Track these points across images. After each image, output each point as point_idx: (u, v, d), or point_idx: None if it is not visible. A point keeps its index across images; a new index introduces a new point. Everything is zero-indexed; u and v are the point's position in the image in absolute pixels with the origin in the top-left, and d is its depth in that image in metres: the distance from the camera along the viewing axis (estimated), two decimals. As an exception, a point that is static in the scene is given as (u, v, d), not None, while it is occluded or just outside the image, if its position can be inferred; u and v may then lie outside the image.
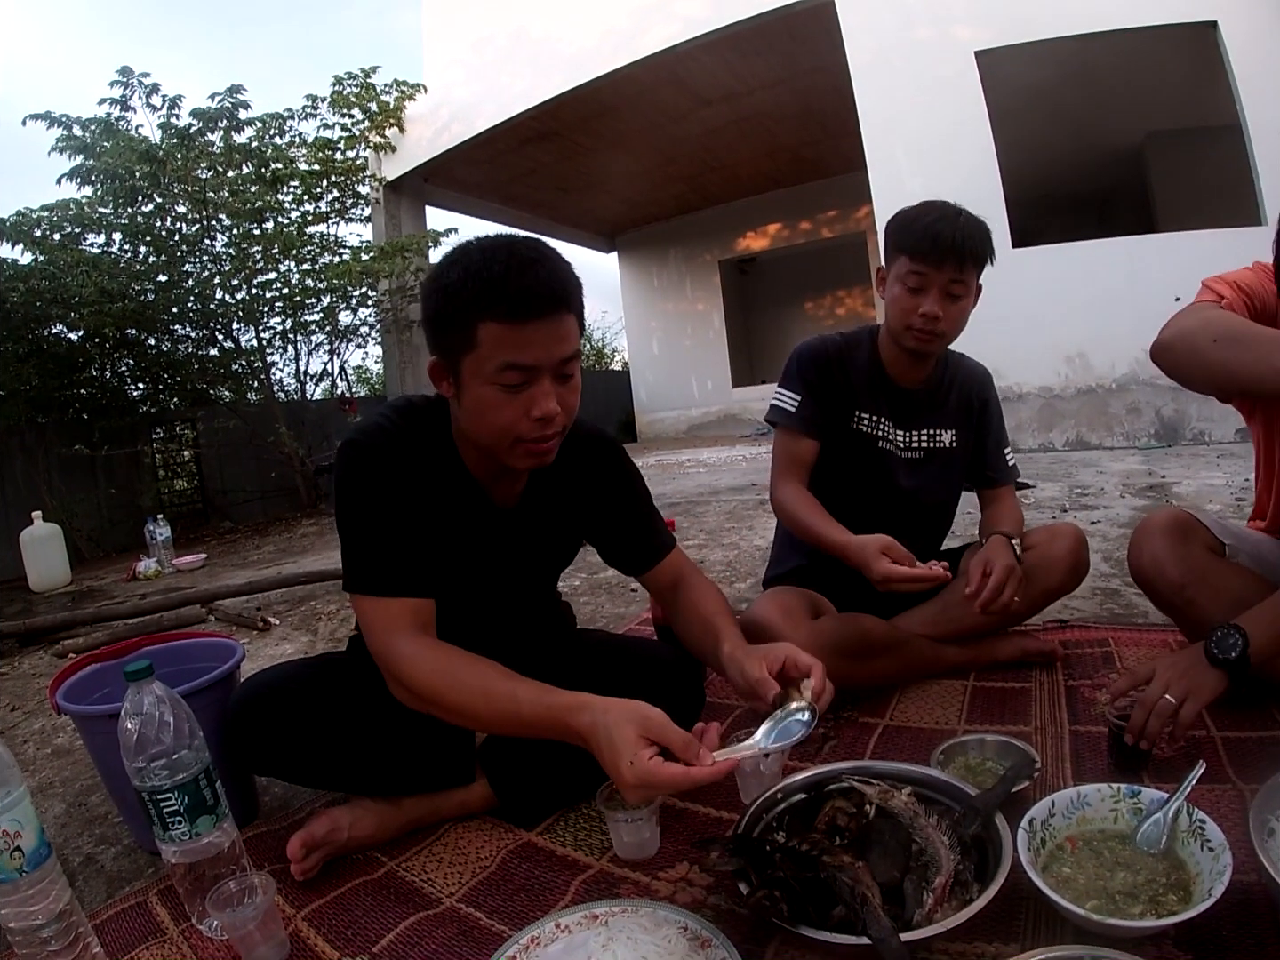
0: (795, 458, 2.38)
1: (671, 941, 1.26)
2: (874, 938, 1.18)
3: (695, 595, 1.92)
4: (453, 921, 1.48)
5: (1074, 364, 7.89)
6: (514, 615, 1.96)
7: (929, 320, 2.16)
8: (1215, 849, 1.33)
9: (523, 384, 1.48)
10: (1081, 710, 2.09)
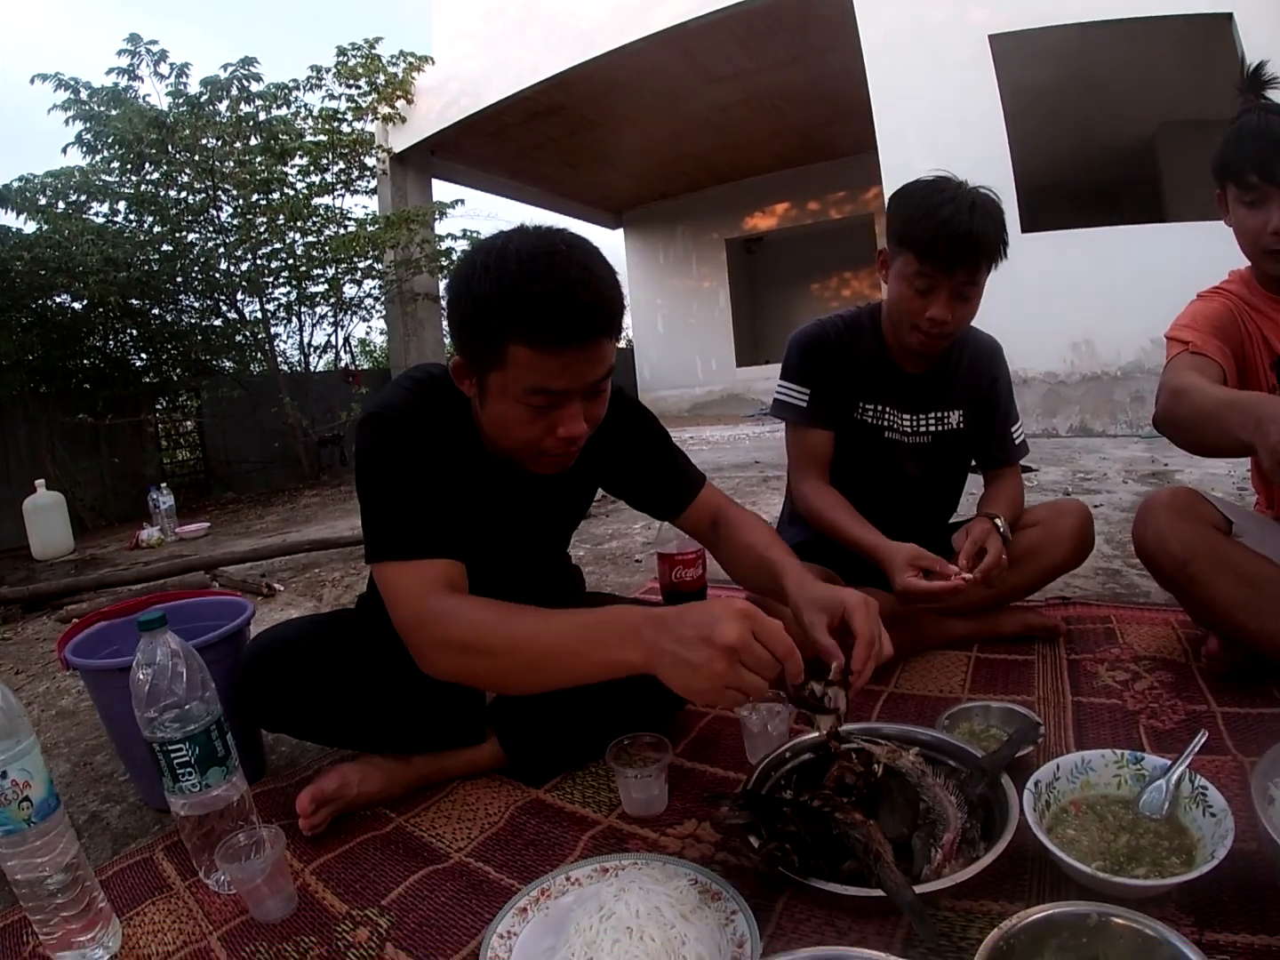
0: (813, 454, 2.34)
1: (683, 892, 1.25)
2: (889, 890, 1.20)
3: (740, 530, 1.90)
4: (462, 875, 1.49)
5: (1080, 351, 7.88)
6: (528, 578, 1.94)
7: (936, 324, 2.09)
8: (1217, 814, 1.34)
9: (551, 405, 1.43)
10: (1084, 682, 2.11)
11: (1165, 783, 1.43)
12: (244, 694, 1.71)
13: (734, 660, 1.16)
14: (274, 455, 10.48)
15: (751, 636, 1.17)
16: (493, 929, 1.25)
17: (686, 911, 1.21)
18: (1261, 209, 1.85)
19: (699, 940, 1.16)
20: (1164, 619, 2.50)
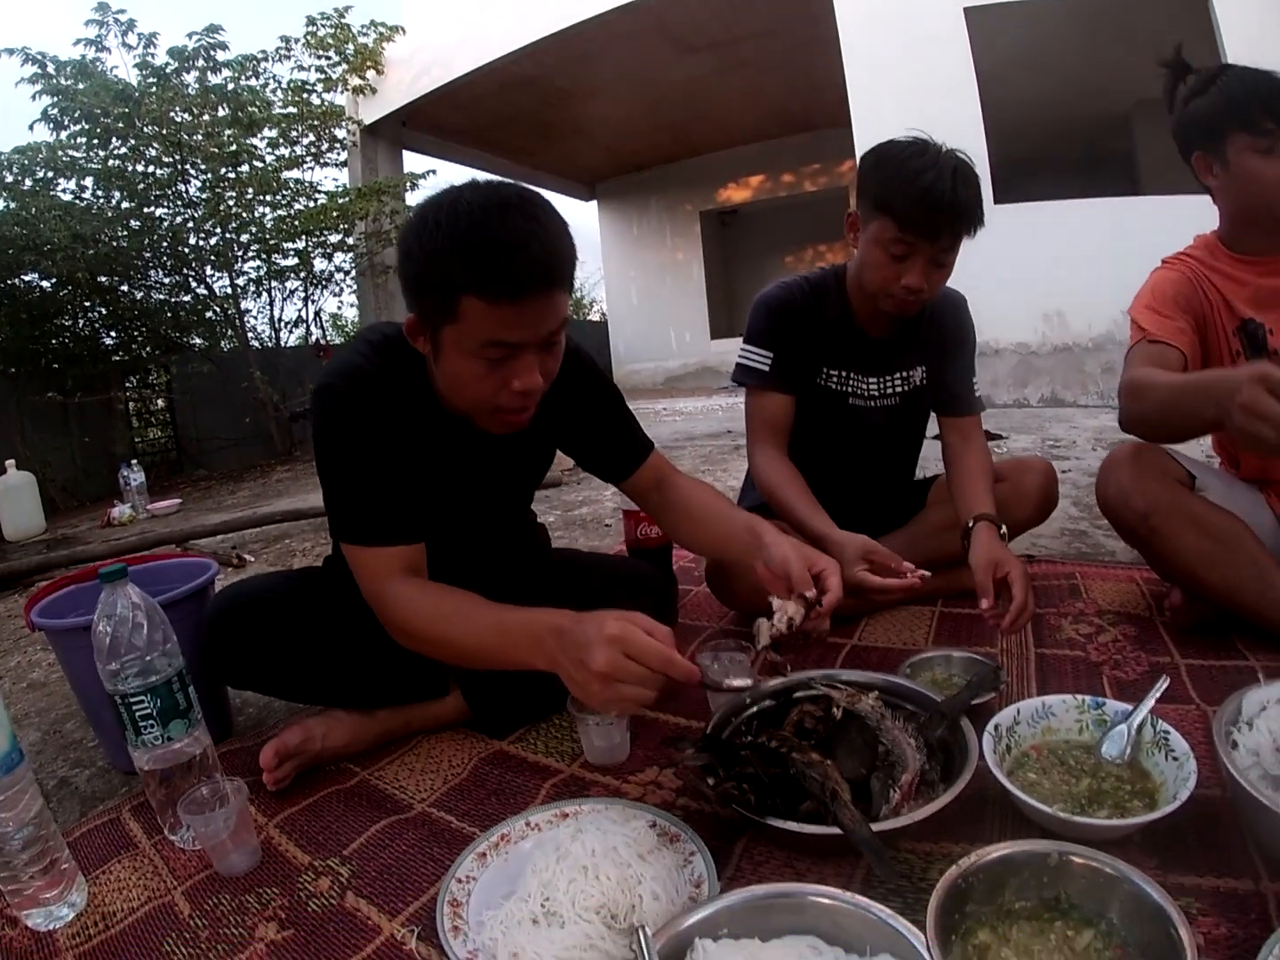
0: (773, 421, 2.28)
1: (641, 834, 1.26)
2: (845, 828, 1.20)
3: (689, 493, 1.92)
4: (424, 824, 1.51)
5: (1051, 322, 7.89)
6: (492, 538, 1.96)
7: (912, 293, 2.03)
8: (1180, 758, 1.35)
9: (505, 358, 1.43)
10: (1047, 635, 2.12)
11: (1127, 727, 1.44)
12: (210, 646, 1.72)
13: (608, 681, 1.20)
14: (246, 431, 10.36)
15: (622, 658, 1.20)
16: (451, 873, 1.26)
17: (644, 852, 1.21)
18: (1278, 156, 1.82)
19: (655, 880, 1.16)
20: (1129, 576, 2.52)
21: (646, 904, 1.13)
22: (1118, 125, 11.10)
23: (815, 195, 14.72)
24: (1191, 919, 1.11)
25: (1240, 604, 1.90)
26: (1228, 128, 1.88)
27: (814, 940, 1.04)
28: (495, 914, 1.16)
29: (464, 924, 1.17)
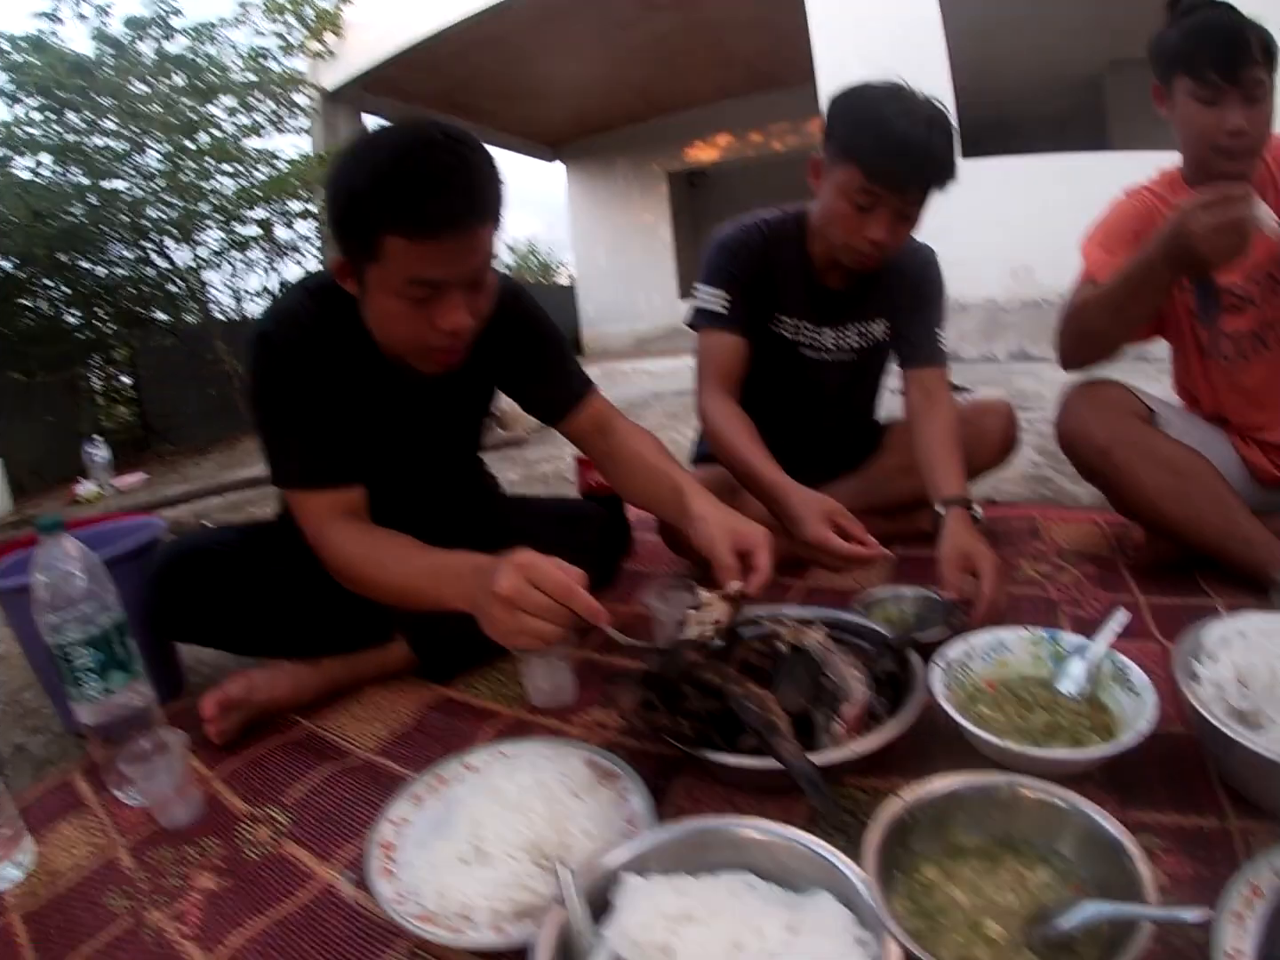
0: (725, 365, 2.15)
1: (576, 771, 1.25)
2: (783, 760, 1.18)
3: (629, 440, 1.87)
4: (365, 771, 1.52)
5: (1019, 277, 7.87)
6: (435, 480, 1.94)
7: (875, 246, 1.93)
8: (1139, 692, 1.32)
9: (431, 296, 1.41)
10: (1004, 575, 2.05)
11: (1085, 661, 1.42)
12: (154, 599, 1.71)
13: (511, 609, 1.20)
14: (212, 404, 10.12)
15: (527, 584, 1.19)
16: (384, 815, 1.25)
17: (577, 789, 1.21)
18: (1217, 108, 1.77)
19: (587, 817, 1.15)
20: (1090, 518, 2.50)
21: (577, 842, 1.12)
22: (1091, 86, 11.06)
23: (783, 155, 14.54)
24: (1154, 857, 1.10)
25: (1203, 539, 1.88)
26: (1175, 69, 1.84)
27: (749, 876, 1.01)
28: (424, 854, 1.14)
29: (394, 866, 1.15)
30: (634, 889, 0.96)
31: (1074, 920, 0.92)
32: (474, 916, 1.05)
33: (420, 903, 1.07)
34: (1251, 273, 1.93)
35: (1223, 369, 2.08)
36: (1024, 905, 1.01)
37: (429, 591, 1.41)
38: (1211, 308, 1.92)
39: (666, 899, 0.94)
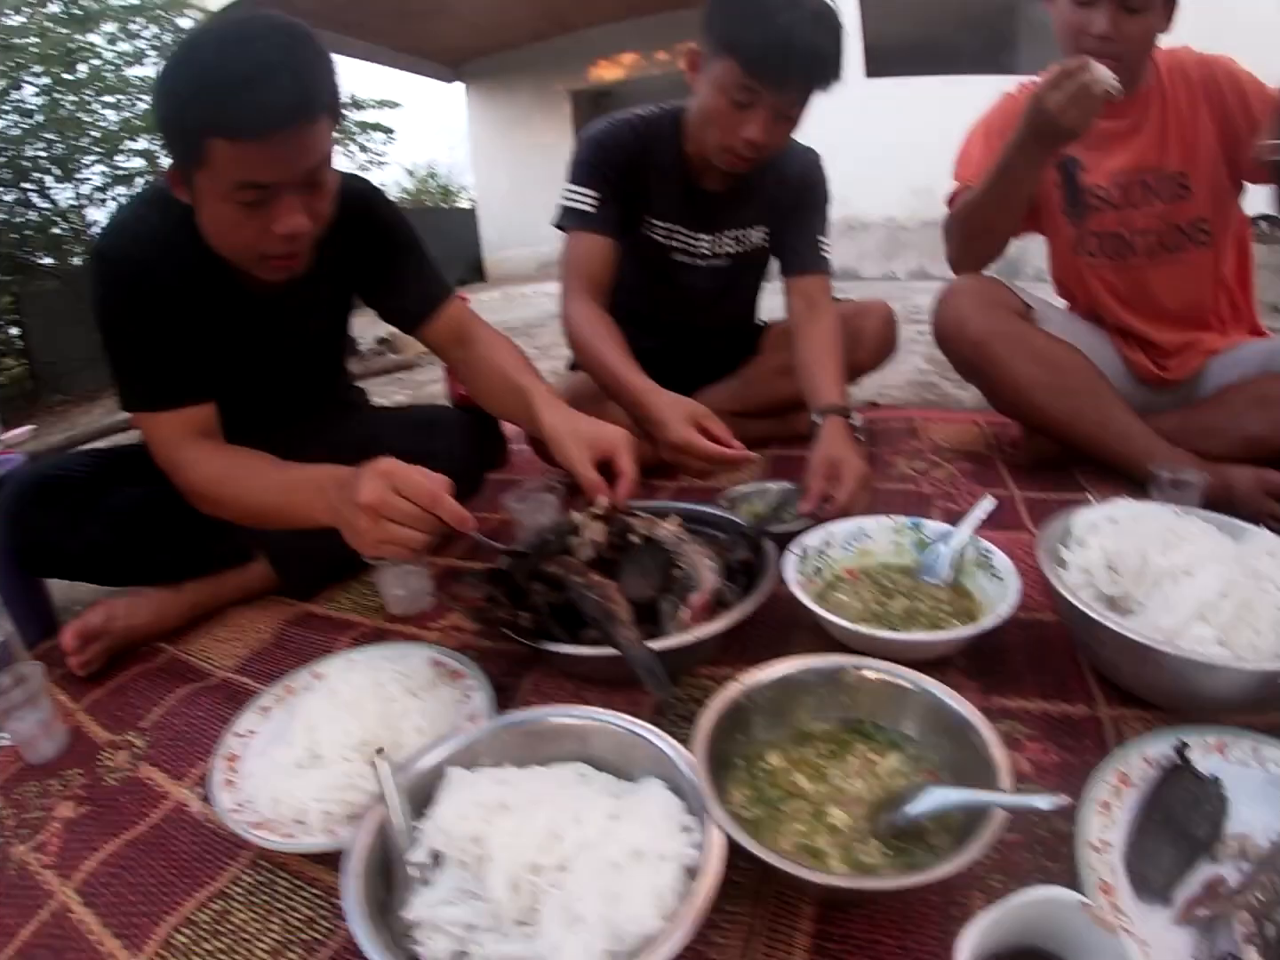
0: (590, 268, 2.00)
1: (416, 670, 1.25)
2: (620, 647, 1.14)
3: (487, 350, 1.76)
4: (222, 690, 1.48)
5: (920, 196, 7.83)
6: (295, 397, 1.85)
7: (752, 147, 1.81)
8: (1003, 577, 1.30)
9: (262, 200, 1.31)
10: (880, 471, 2.07)
11: (948, 547, 1.39)
12: (8, 530, 1.64)
13: (376, 517, 1.16)
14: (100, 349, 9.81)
15: (391, 492, 1.16)
16: (231, 729, 1.23)
17: (415, 688, 1.20)
18: (1088, 9, 1.73)
19: (421, 714, 1.15)
20: (971, 419, 2.50)
21: (409, 739, 1.10)
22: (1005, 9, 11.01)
23: (690, 75, 14.39)
24: (1017, 744, 1.08)
25: (1080, 434, 1.87)
26: None
27: (582, 767, 0.98)
28: (264, 763, 1.13)
29: (236, 777, 1.13)
30: (455, 781, 0.93)
31: (921, 807, 0.88)
32: (307, 820, 1.03)
33: (257, 810, 1.05)
34: (1114, 175, 1.93)
35: (1093, 267, 2.07)
36: (873, 792, 0.97)
37: (289, 508, 1.37)
38: (1079, 205, 1.95)
39: (485, 790, 0.90)
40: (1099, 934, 0.64)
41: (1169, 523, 1.21)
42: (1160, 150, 1.88)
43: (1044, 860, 0.92)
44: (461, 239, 15.02)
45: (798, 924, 0.88)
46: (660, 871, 0.81)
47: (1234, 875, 0.84)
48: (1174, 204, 1.91)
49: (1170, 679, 1.07)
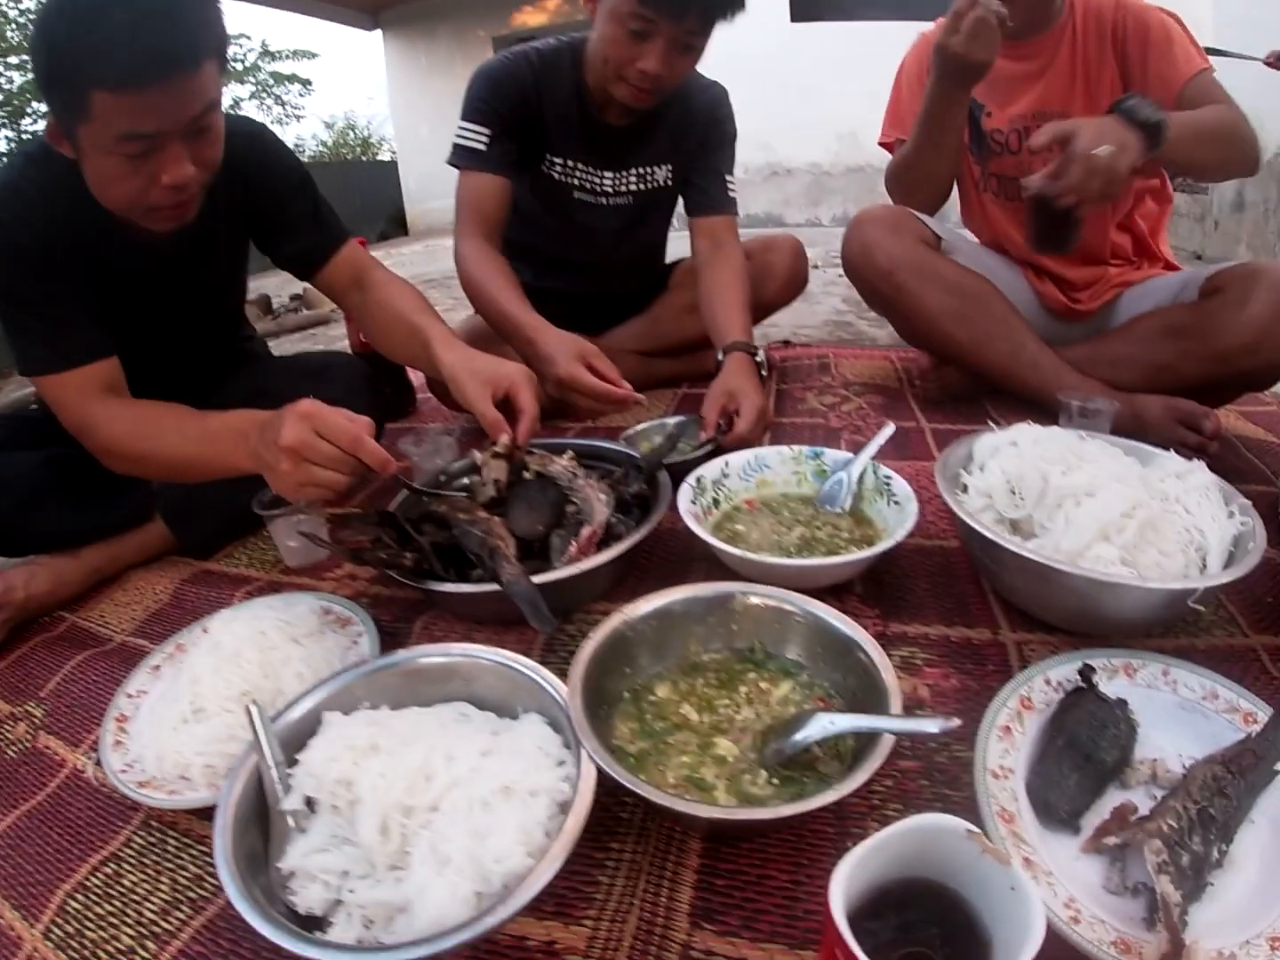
0: (483, 207, 1.92)
1: (301, 618, 1.22)
2: (501, 582, 1.11)
3: (385, 294, 1.70)
4: (118, 654, 1.43)
5: (845, 142, 7.84)
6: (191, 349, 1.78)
7: (649, 78, 1.75)
8: (902, 503, 1.28)
9: (148, 150, 1.26)
10: (789, 406, 2.06)
11: (846, 475, 1.36)
12: None
13: (298, 459, 1.14)
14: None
15: (312, 434, 1.13)
16: (122, 690, 1.20)
17: (299, 635, 1.17)
18: None
19: (304, 661, 1.12)
20: (883, 355, 2.48)
21: (291, 686, 1.07)
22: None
23: (613, 21, 14.22)
24: (916, 670, 1.06)
25: (989, 363, 1.85)
26: None
27: (463, 706, 0.95)
28: (151, 721, 1.10)
29: (126, 737, 1.10)
30: (329, 725, 0.91)
31: (806, 734, 0.85)
32: (191, 775, 1.00)
33: (144, 769, 1.03)
34: (1013, 120, 1.90)
35: (997, 205, 2.06)
36: (762, 721, 0.94)
37: (211, 456, 1.33)
38: (983, 147, 1.94)
39: (356, 731, 0.88)
40: (990, 864, 0.60)
41: (1071, 445, 1.18)
42: (1066, 95, 1.84)
43: (944, 788, 0.90)
44: (382, 192, 14.73)
45: (685, 860, 0.86)
46: (530, 807, 0.78)
47: (1145, 801, 0.82)
48: None
49: (1073, 600, 1.05)
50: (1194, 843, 0.74)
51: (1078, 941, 0.68)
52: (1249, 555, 1.00)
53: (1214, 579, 0.99)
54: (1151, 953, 0.66)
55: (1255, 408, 1.95)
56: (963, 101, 1.78)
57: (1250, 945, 0.69)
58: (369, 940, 0.74)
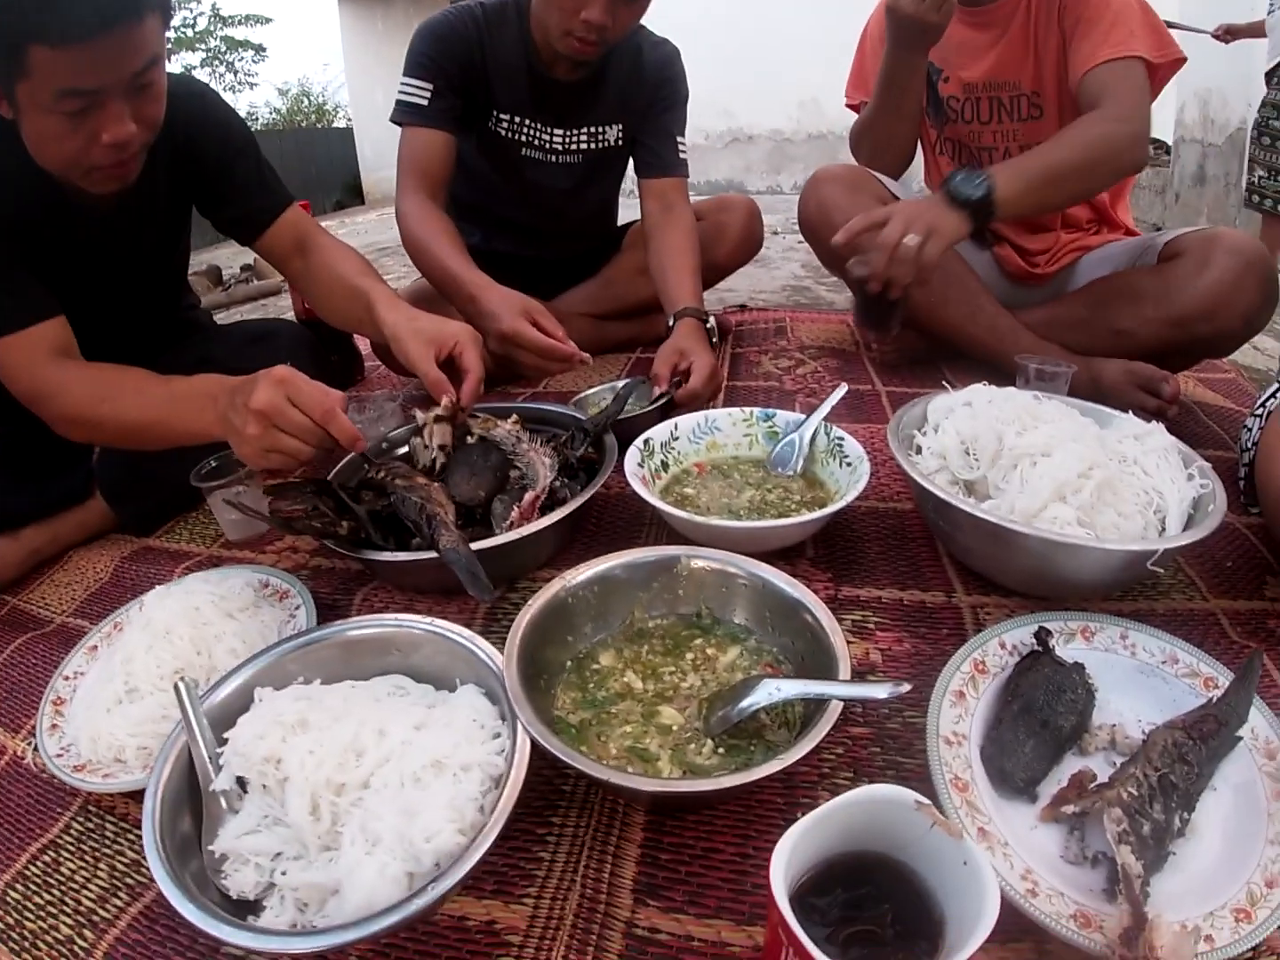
0: (425, 163, 1.87)
1: (236, 591, 1.18)
2: (438, 549, 1.07)
3: (328, 258, 1.66)
4: (58, 636, 1.38)
5: (807, 109, 7.78)
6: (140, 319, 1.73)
7: (593, 29, 1.70)
8: (854, 463, 1.25)
9: (88, 108, 1.21)
10: (744, 369, 2.03)
11: (798, 437, 1.33)
12: None
13: (267, 425, 1.12)
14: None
15: (285, 401, 1.12)
16: (59, 672, 1.17)
17: (234, 610, 1.14)
18: None
19: (238, 636, 1.09)
20: (840, 319, 2.45)
21: (224, 662, 1.04)
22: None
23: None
24: (868, 633, 1.05)
25: (946, 327, 1.83)
26: None
27: (400, 679, 0.92)
28: (86, 703, 1.07)
29: (62, 721, 1.08)
30: (259, 701, 0.87)
31: (751, 701, 0.82)
32: (125, 758, 0.98)
33: (80, 753, 1.00)
34: (966, 88, 1.87)
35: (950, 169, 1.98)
36: (709, 689, 0.91)
37: (175, 420, 1.29)
38: (940, 111, 1.92)
39: (285, 707, 0.84)
40: (942, 838, 0.58)
41: (1027, 405, 1.15)
42: (1018, 64, 1.81)
43: (896, 755, 0.88)
44: (338, 160, 14.54)
45: (629, 834, 0.83)
46: (462, 783, 0.76)
47: (1104, 768, 0.80)
48: (1027, 124, 1.85)
49: (1028, 562, 1.02)
50: (1155, 811, 0.71)
51: (1035, 915, 0.66)
52: (1209, 517, 0.98)
53: (1174, 540, 0.96)
54: (1113, 926, 0.63)
55: (1214, 375, 1.95)
56: (919, 65, 1.76)
57: (1214, 916, 0.67)
58: (305, 924, 0.72)
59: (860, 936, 0.57)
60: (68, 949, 0.82)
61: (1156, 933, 0.60)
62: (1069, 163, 1.56)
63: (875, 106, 1.88)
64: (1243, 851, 0.72)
